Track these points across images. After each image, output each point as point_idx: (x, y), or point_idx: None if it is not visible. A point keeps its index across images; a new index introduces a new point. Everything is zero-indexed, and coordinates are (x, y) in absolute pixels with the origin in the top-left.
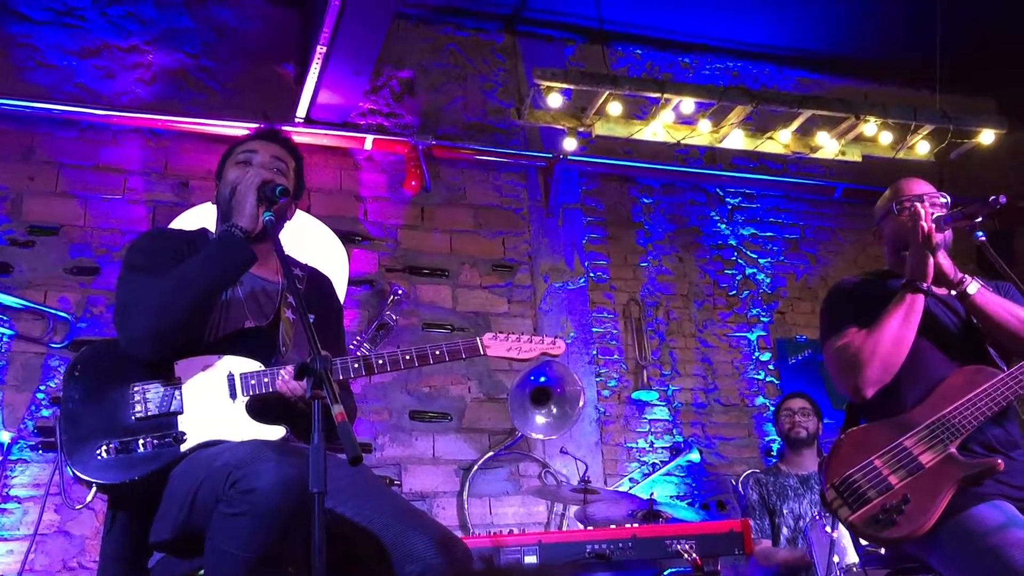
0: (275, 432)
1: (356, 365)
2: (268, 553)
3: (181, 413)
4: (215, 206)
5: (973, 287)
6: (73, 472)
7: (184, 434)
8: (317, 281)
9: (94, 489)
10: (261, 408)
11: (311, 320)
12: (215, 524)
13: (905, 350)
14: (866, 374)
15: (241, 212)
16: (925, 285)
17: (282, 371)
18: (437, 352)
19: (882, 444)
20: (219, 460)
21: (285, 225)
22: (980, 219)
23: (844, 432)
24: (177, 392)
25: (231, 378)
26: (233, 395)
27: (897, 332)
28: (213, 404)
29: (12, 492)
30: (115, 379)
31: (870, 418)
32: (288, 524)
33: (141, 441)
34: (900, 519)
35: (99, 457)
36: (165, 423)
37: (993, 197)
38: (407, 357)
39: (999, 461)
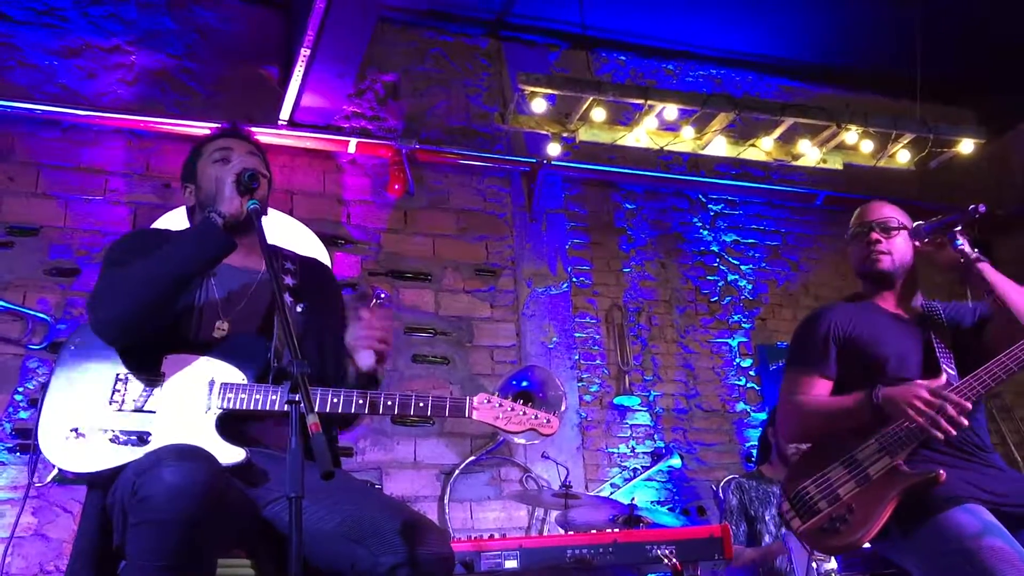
0: (235, 454)
1: (335, 400)
2: (177, 562)
3: (153, 413)
4: (190, 208)
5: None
6: (40, 449)
7: (149, 435)
8: (312, 270)
9: (55, 471)
10: (231, 424)
11: (302, 309)
12: (126, 533)
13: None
14: (795, 437)
15: (221, 198)
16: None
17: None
18: (421, 404)
19: (836, 457)
20: (130, 467)
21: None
22: (959, 228)
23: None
24: (156, 390)
25: (211, 385)
26: (208, 405)
27: (835, 421)
28: (185, 410)
29: None
30: (105, 362)
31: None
32: (195, 531)
33: (109, 434)
34: (843, 528)
35: (66, 440)
36: (135, 420)
37: (972, 206)
38: (388, 403)
39: (941, 472)
